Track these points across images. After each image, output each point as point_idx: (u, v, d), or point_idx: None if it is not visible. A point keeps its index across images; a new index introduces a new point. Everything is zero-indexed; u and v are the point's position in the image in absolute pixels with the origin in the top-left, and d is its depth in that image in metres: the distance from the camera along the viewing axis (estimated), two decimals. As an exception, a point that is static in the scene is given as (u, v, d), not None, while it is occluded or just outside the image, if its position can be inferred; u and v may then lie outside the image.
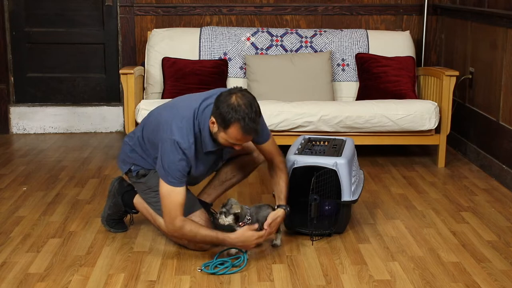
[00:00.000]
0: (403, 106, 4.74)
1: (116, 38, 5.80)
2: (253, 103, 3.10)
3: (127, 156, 3.50)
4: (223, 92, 3.15)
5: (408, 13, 5.74)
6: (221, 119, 3.07)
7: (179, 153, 3.15)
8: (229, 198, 3.37)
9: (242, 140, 3.15)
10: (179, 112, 3.22)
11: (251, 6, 5.67)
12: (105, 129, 5.90)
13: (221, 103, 3.08)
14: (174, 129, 3.16)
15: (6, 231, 3.64)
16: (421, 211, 3.96)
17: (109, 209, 3.64)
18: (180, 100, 3.42)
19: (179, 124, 3.17)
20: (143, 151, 3.41)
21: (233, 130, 3.07)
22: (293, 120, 4.68)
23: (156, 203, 3.39)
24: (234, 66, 5.25)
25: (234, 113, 3.04)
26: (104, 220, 3.65)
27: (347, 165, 3.49)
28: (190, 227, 3.22)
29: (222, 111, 3.06)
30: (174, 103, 3.39)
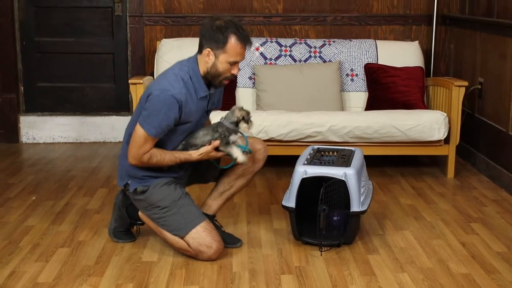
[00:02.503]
0: (412, 117, 4.73)
1: (125, 48, 5.82)
2: (232, 18, 3.31)
3: (123, 170, 3.48)
4: (205, 23, 3.32)
5: (417, 23, 5.73)
6: (216, 41, 3.23)
7: (167, 101, 3.20)
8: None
9: (241, 54, 3.28)
10: (161, 79, 3.32)
11: (260, 16, 5.67)
12: (114, 139, 5.90)
13: (209, 31, 3.25)
14: (161, 83, 3.26)
15: (15, 240, 3.65)
16: (430, 222, 3.95)
17: (115, 222, 3.64)
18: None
19: (165, 80, 3.27)
20: None
21: (230, 44, 3.23)
22: (301, 131, 4.68)
23: (160, 219, 3.40)
24: (243, 76, 5.25)
25: (226, 29, 3.22)
26: (111, 233, 3.65)
27: (356, 175, 3.48)
28: (156, 159, 3.30)
29: (214, 34, 3.23)
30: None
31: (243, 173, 3.62)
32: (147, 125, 3.23)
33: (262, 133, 4.66)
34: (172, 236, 3.41)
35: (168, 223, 3.40)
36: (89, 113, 5.93)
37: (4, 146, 5.71)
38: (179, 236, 3.38)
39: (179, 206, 3.40)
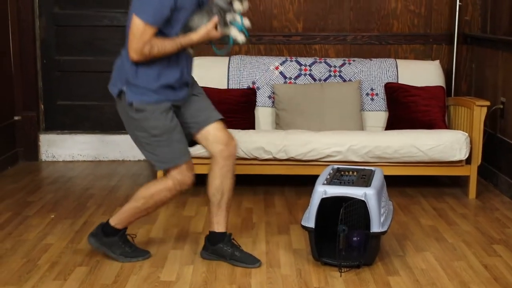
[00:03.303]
0: (433, 136, 4.71)
1: (145, 66, 5.85)
2: None
3: (119, 74, 3.39)
4: None
5: (438, 43, 5.72)
6: None
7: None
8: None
9: None
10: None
11: (279, 35, 5.69)
12: (133, 157, 5.93)
13: None
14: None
15: (34, 258, 3.66)
16: (452, 244, 3.92)
17: (112, 252, 3.61)
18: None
19: None
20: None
21: None
22: (321, 150, 4.67)
23: (147, 145, 3.40)
24: (263, 95, 5.26)
25: None
26: (122, 259, 3.62)
27: (376, 195, 3.46)
28: (158, 48, 3.22)
29: None
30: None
31: (223, 174, 3.60)
32: (142, 13, 3.16)
33: (281, 153, 4.66)
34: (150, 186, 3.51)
35: (154, 152, 3.41)
36: (108, 131, 5.96)
37: (24, 164, 5.75)
38: (161, 168, 3.50)
39: (171, 140, 3.40)
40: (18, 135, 5.77)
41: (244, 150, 4.67)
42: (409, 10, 5.70)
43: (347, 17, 5.71)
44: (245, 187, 5.02)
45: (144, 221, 4.27)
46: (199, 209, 4.53)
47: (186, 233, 4.08)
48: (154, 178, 4.98)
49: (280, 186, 5.05)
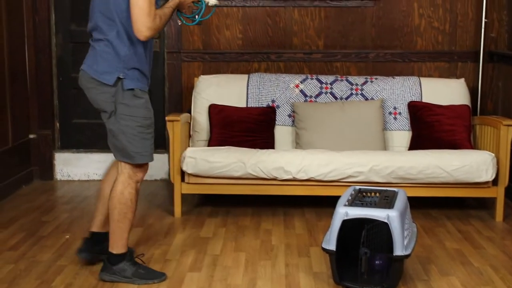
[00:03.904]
0: (458, 157, 4.68)
1: (162, 84, 5.88)
2: None
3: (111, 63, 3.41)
4: None
5: (463, 60, 5.71)
6: None
7: None
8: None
9: None
10: None
11: (300, 52, 5.71)
12: (150, 177, 5.93)
13: None
14: None
15: (48, 280, 3.67)
16: (478, 268, 3.88)
17: (126, 277, 3.60)
18: None
19: None
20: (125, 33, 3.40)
21: None
22: (343, 170, 4.66)
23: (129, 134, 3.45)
24: (282, 113, 5.27)
25: None
26: (138, 282, 3.59)
27: (399, 217, 3.44)
28: (160, 18, 3.35)
29: None
30: None
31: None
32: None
33: (301, 173, 4.66)
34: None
35: (137, 144, 3.47)
36: (125, 150, 5.98)
37: (39, 183, 5.78)
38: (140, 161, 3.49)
39: (152, 135, 3.56)
40: (33, 153, 5.81)
41: (263, 170, 4.67)
42: (433, 27, 5.70)
43: (369, 34, 5.72)
44: (264, 208, 5.02)
45: (161, 242, 4.29)
46: (216, 231, 4.52)
47: (203, 255, 4.07)
48: (171, 197, 5.00)
49: (300, 207, 5.04)
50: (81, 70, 3.54)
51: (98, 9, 3.42)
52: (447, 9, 5.67)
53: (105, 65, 3.42)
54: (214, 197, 5.19)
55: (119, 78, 3.42)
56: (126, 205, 3.54)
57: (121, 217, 3.54)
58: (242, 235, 4.43)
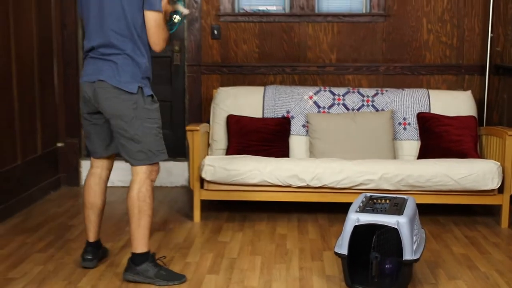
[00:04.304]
0: (465, 166, 4.67)
1: (183, 96, 5.91)
2: None
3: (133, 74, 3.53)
4: None
5: (470, 73, 5.70)
6: None
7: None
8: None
9: None
10: None
11: (313, 65, 5.72)
12: (170, 184, 5.97)
13: None
14: None
15: (75, 281, 3.69)
16: (484, 272, 3.86)
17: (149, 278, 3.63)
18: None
19: None
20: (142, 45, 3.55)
21: None
22: (354, 178, 4.66)
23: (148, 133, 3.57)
24: (297, 124, 5.28)
25: None
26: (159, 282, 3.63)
27: (409, 223, 3.44)
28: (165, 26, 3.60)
29: None
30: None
31: None
32: (155, 5, 3.47)
33: (315, 180, 4.66)
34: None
35: (161, 143, 3.64)
36: (147, 158, 6.00)
37: (66, 189, 5.82)
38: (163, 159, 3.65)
39: (161, 134, 3.68)
40: (61, 161, 5.85)
41: (278, 177, 4.68)
42: (441, 41, 5.69)
43: (380, 48, 5.72)
44: (279, 214, 5.02)
45: (181, 245, 4.30)
46: (234, 235, 4.53)
47: (221, 258, 4.08)
48: (190, 203, 5.01)
49: (314, 213, 5.04)
50: (99, 81, 3.54)
51: (110, 28, 3.50)
52: (455, 25, 5.67)
53: (128, 76, 3.51)
54: (232, 203, 5.20)
55: (139, 87, 3.54)
56: (145, 201, 3.62)
57: (142, 214, 3.61)
58: (258, 240, 4.44)
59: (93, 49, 3.58)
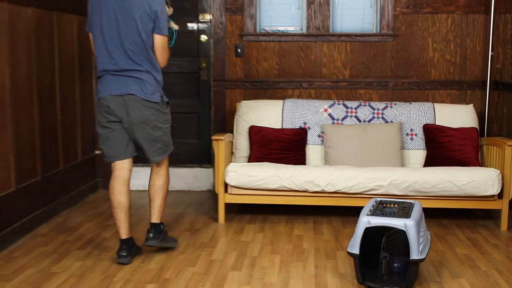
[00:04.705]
0: (468, 173, 4.63)
1: (209, 108, 5.92)
2: None
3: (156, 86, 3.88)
4: None
5: (472, 88, 5.66)
6: None
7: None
8: None
9: None
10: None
11: (328, 81, 5.71)
12: (197, 188, 5.98)
13: None
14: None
15: (110, 275, 3.71)
16: (485, 271, 3.83)
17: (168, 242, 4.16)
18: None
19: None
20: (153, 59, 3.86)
21: None
22: (365, 184, 4.64)
23: (167, 132, 4.02)
24: (313, 134, 5.27)
25: None
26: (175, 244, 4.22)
27: (415, 226, 3.42)
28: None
29: None
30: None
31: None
32: (165, 30, 3.84)
33: (329, 186, 4.65)
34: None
35: (170, 138, 4.07)
36: (176, 165, 6.01)
37: (103, 192, 5.84)
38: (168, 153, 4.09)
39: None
40: (98, 167, 5.88)
41: (296, 183, 4.68)
42: (446, 59, 5.67)
43: (389, 65, 5.70)
44: (296, 216, 5.02)
45: (207, 245, 4.31)
46: (255, 236, 4.53)
47: (243, 256, 4.08)
48: (215, 206, 5.02)
49: (328, 216, 5.03)
50: (129, 95, 3.81)
51: (129, 49, 3.77)
52: (458, 44, 5.64)
53: (151, 88, 3.84)
54: (253, 206, 5.20)
55: (160, 96, 3.90)
56: (168, 184, 4.15)
57: (166, 193, 4.12)
58: (277, 240, 4.44)
59: (114, 68, 3.80)
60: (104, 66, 3.81)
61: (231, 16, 5.73)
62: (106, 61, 3.79)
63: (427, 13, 5.63)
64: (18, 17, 4.40)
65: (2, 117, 4.22)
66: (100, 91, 3.85)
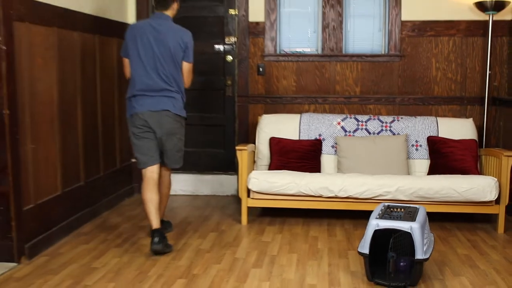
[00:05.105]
0: (468, 181, 4.61)
1: (233, 121, 5.95)
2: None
3: (181, 104, 4.15)
4: None
5: (471, 104, 5.63)
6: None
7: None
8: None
9: None
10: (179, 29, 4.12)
11: (341, 97, 5.72)
12: (222, 193, 6.00)
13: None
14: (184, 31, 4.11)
15: (145, 271, 3.74)
16: (484, 270, 3.80)
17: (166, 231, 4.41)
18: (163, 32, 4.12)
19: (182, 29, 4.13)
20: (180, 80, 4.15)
21: None
22: (374, 190, 4.63)
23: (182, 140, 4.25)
24: (327, 145, 5.27)
25: None
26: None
27: (420, 228, 3.41)
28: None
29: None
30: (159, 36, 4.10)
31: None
32: (192, 58, 4.14)
33: (342, 191, 4.65)
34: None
35: (183, 149, 4.29)
36: (204, 172, 6.05)
37: (138, 196, 5.85)
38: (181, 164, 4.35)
39: None
40: (134, 173, 5.91)
41: (311, 189, 4.68)
42: (447, 77, 5.64)
43: (396, 83, 5.69)
44: (312, 219, 5.01)
45: (231, 244, 4.31)
46: (274, 236, 4.53)
47: (264, 255, 4.09)
48: (239, 209, 5.04)
49: (341, 219, 5.02)
50: (164, 110, 4.08)
51: (164, 73, 4.04)
52: (459, 64, 5.62)
53: (180, 105, 4.15)
54: (273, 210, 5.21)
55: (185, 112, 4.21)
56: (171, 186, 4.46)
57: (168, 195, 4.41)
58: (294, 240, 4.44)
59: (150, 88, 4.04)
60: (141, 86, 4.05)
61: (254, 38, 5.77)
62: (143, 82, 4.05)
63: (430, 36, 5.62)
64: (66, 41, 4.47)
65: (51, 129, 4.28)
66: (135, 108, 4.06)
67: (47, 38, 4.21)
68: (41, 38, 4.13)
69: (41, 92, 4.15)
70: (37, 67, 4.10)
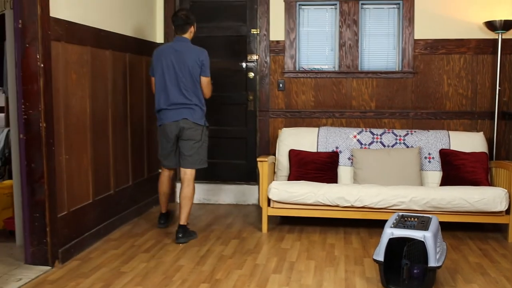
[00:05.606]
0: (479, 192, 4.54)
1: (255, 134, 5.95)
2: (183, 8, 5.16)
3: (202, 113, 4.48)
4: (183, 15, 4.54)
5: (482, 118, 5.56)
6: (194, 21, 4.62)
7: None
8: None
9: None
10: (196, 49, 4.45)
11: (357, 111, 5.69)
12: (244, 202, 5.99)
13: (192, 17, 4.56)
14: (200, 51, 4.43)
15: (170, 275, 3.73)
16: (495, 278, 3.72)
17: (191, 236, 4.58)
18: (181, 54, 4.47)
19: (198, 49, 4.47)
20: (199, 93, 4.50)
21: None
22: (389, 200, 4.59)
23: (202, 147, 4.54)
24: (344, 157, 5.24)
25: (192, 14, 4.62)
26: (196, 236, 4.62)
27: (433, 237, 3.36)
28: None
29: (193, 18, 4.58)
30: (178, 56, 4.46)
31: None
32: (208, 73, 4.44)
33: (358, 201, 4.61)
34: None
35: (204, 153, 4.58)
36: (226, 182, 6.05)
37: (164, 204, 5.90)
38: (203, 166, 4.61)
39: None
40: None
41: (328, 199, 4.65)
42: (459, 93, 5.59)
43: (410, 98, 5.65)
44: (329, 227, 4.98)
45: (252, 251, 4.30)
46: (293, 243, 4.51)
47: (283, 261, 4.06)
48: (260, 218, 5.02)
49: (357, 227, 4.97)
50: (184, 119, 4.44)
51: (184, 88, 4.40)
52: (469, 80, 5.56)
53: (199, 115, 4.49)
54: (292, 218, 5.18)
55: (205, 121, 4.52)
56: (194, 193, 4.61)
57: (192, 200, 4.56)
58: (312, 247, 4.40)
59: (172, 103, 4.42)
60: (165, 101, 4.45)
61: (274, 56, 5.77)
62: (167, 98, 4.43)
63: (442, 53, 5.57)
64: (98, 58, 4.52)
65: (84, 140, 4.32)
66: (162, 119, 4.52)
67: (81, 56, 4.25)
68: (76, 56, 4.18)
69: (75, 106, 4.19)
70: (72, 82, 4.14)
